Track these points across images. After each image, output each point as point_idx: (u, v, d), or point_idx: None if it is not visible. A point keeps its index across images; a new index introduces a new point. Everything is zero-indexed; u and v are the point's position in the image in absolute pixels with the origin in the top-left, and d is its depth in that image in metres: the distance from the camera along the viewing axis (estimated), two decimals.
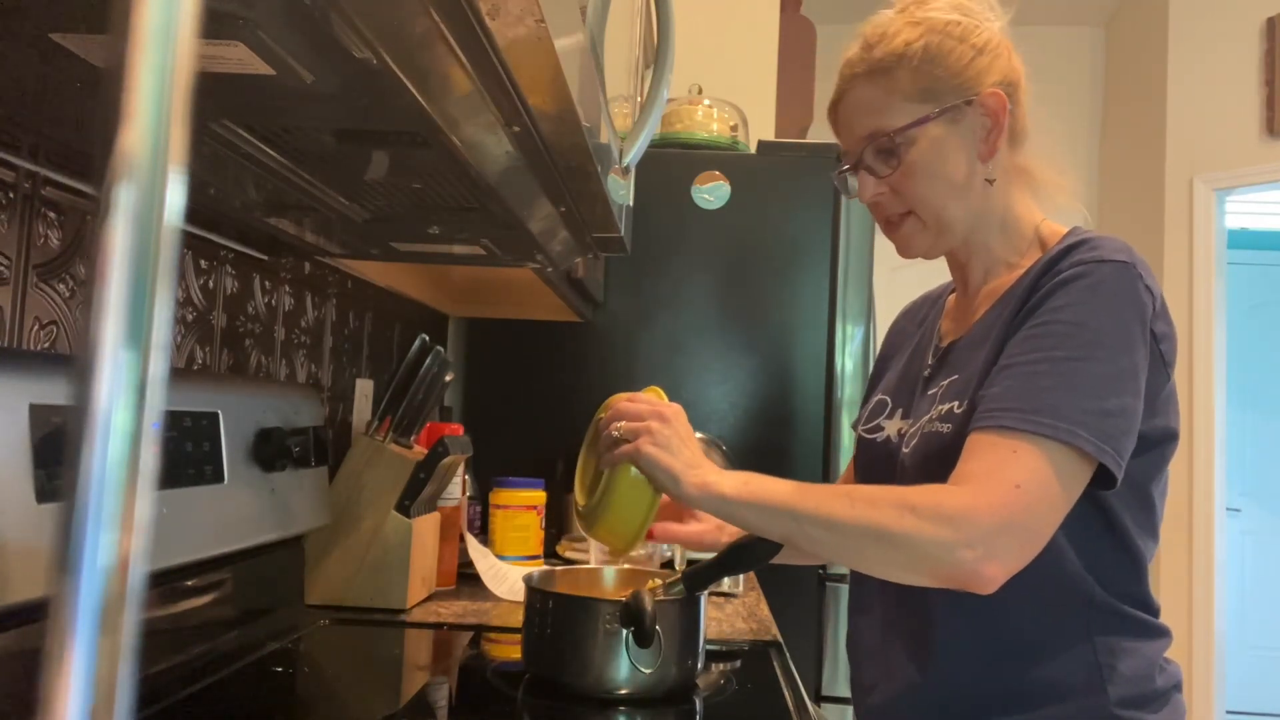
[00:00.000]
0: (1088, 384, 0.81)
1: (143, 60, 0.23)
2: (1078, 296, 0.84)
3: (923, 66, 0.93)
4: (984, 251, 0.99)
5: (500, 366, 2.20)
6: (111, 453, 0.22)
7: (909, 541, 0.78)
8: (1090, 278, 0.84)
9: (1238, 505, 4.57)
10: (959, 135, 0.94)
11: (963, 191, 0.95)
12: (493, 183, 0.82)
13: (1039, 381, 0.81)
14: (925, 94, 0.93)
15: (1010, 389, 0.82)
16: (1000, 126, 0.94)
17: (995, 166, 0.96)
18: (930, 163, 0.94)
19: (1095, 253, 0.86)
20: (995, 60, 0.94)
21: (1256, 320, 4.79)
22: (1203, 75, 3.69)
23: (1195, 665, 3.50)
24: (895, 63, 0.93)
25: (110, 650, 0.22)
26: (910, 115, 0.93)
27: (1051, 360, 0.82)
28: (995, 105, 0.93)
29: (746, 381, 2.13)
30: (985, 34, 0.94)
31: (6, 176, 0.79)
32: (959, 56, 0.93)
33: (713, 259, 2.15)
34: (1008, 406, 0.81)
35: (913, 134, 0.94)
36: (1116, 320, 0.83)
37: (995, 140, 0.94)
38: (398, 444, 1.37)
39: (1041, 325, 0.85)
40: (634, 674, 0.95)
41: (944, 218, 0.96)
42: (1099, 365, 0.81)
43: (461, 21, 0.54)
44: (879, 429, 1.04)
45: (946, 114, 0.93)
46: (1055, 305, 0.85)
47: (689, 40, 2.51)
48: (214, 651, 1.02)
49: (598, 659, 0.95)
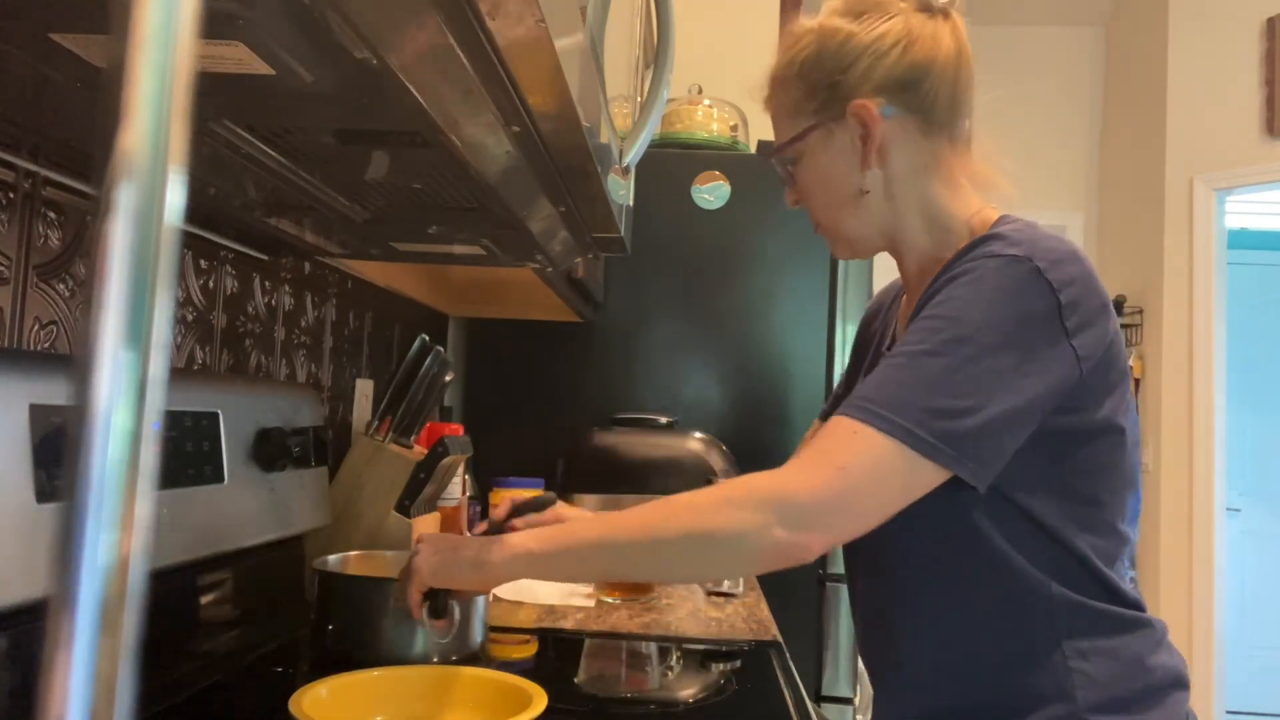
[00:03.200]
0: (941, 381, 0.77)
1: (143, 60, 0.23)
2: (959, 292, 0.81)
3: (802, 78, 0.91)
4: (915, 249, 0.94)
5: (500, 366, 2.20)
6: (111, 453, 0.22)
7: (728, 536, 0.76)
8: (975, 273, 0.81)
9: (1238, 505, 4.57)
10: (837, 149, 0.91)
11: (851, 202, 0.92)
12: (493, 183, 0.82)
13: (894, 375, 0.79)
14: (802, 108, 0.92)
15: (870, 380, 0.80)
16: (873, 137, 0.89)
17: (891, 172, 0.91)
18: (814, 178, 0.93)
19: (993, 246, 0.82)
20: (877, 61, 0.89)
21: (1256, 320, 4.79)
22: (1203, 75, 3.69)
23: (1195, 665, 3.50)
24: (785, 76, 0.93)
25: (110, 650, 0.22)
26: (792, 130, 0.93)
27: (911, 355, 0.79)
28: (863, 115, 0.89)
29: (746, 381, 2.13)
30: (871, 34, 0.89)
31: (6, 176, 0.79)
32: (833, 65, 0.90)
33: (713, 259, 2.15)
34: (862, 395, 0.79)
35: (796, 149, 0.93)
36: (995, 316, 0.78)
37: (869, 150, 0.90)
38: (398, 444, 1.37)
39: (920, 320, 0.82)
40: (424, 644, 1.00)
41: (839, 228, 0.95)
42: (960, 363, 0.77)
43: (461, 21, 0.54)
44: None
45: (818, 130, 0.91)
46: (937, 301, 0.82)
47: (689, 40, 2.51)
48: (214, 651, 1.02)
49: (387, 632, 1.00)
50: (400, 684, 0.89)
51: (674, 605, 1.45)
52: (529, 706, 0.80)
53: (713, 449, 1.88)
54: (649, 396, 2.13)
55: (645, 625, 1.31)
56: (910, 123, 0.90)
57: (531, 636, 1.23)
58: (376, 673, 0.89)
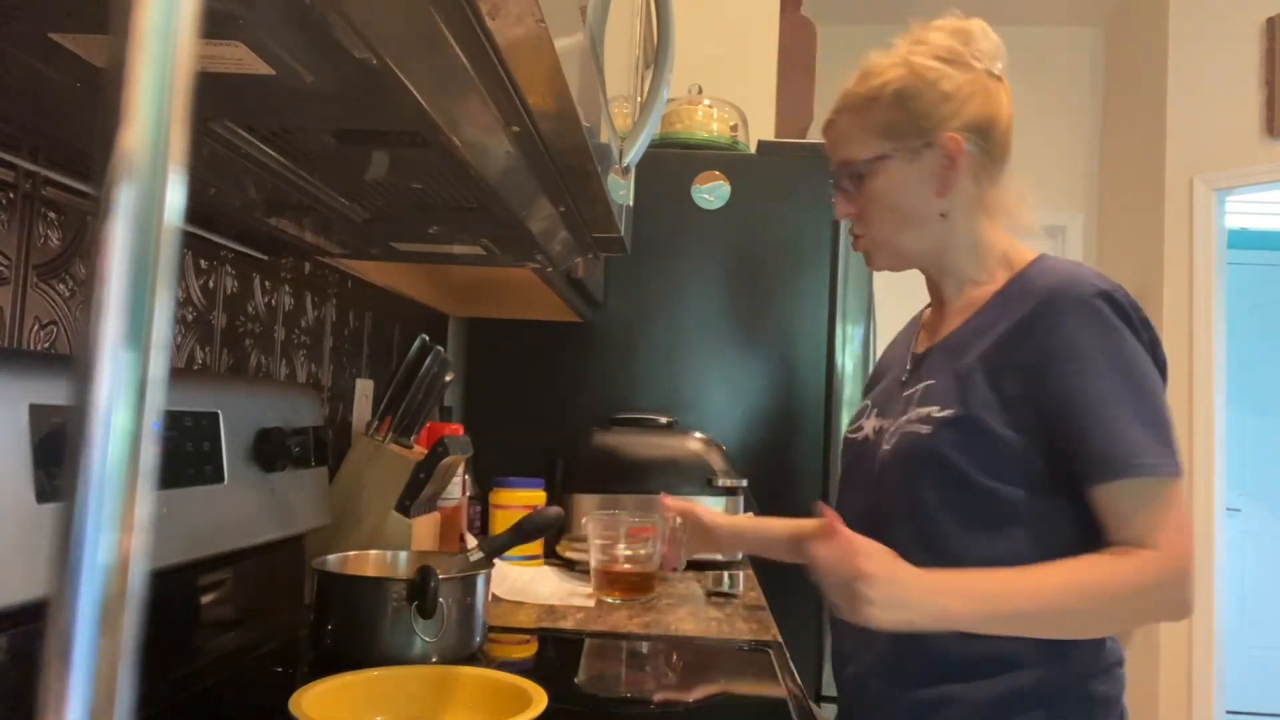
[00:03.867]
0: (1160, 412, 0.93)
1: (143, 60, 0.23)
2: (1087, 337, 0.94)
3: (891, 106, 1.04)
4: (955, 272, 1.09)
5: (500, 366, 2.20)
6: (111, 453, 0.22)
7: (1157, 612, 0.92)
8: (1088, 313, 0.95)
9: (1238, 505, 4.57)
10: (915, 173, 1.05)
11: (916, 222, 1.07)
12: (493, 183, 0.82)
13: (1133, 421, 0.92)
14: (889, 132, 1.05)
15: (1102, 441, 0.91)
16: (955, 167, 1.04)
17: (956, 201, 1.05)
18: (886, 194, 1.06)
19: (1089, 285, 0.96)
20: (964, 105, 1.03)
21: (1256, 320, 4.79)
22: (1203, 75, 3.68)
23: (1195, 665, 3.50)
24: (872, 100, 1.05)
25: (110, 650, 0.22)
26: (875, 150, 1.05)
27: (1133, 401, 0.92)
28: (952, 149, 1.03)
29: (746, 381, 2.13)
30: (959, 80, 1.04)
31: (6, 176, 0.79)
32: (927, 100, 1.03)
33: (713, 259, 2.15)
34: (1138, 459, 0.90)
35: (874, 166, 1.05)
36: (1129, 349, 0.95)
37: (951, 179, 1.04)
38: (398, 444, 1.37)
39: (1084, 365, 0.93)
40: (420, 643, 1.00)
41: (895, 243, 1.08)
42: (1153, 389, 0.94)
43: (461, 21, 0.54)
44: (859, 428, 1.15)
45: (905, 153, 1.04)
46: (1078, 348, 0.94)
47: (689, 40, 2.51)
48: (214, 651, 1.02)
49: (385, 631, 1.00)
50: (400, 684, 0.89)
51: (674, 605, 1.45)
52: (529, 706, 0.80)
53: (712, 449, 1.88)
54: (649, 396, 2.13)
55: (645, 625, 1.31)
56: (977, 162, 1.05)
57: (531, 636, 1.23)
58: (376, 673, 0.89)
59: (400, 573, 1.17)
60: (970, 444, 0.95)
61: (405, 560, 1.18)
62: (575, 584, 1.55)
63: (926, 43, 1.06)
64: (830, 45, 3.60)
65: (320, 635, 1.02)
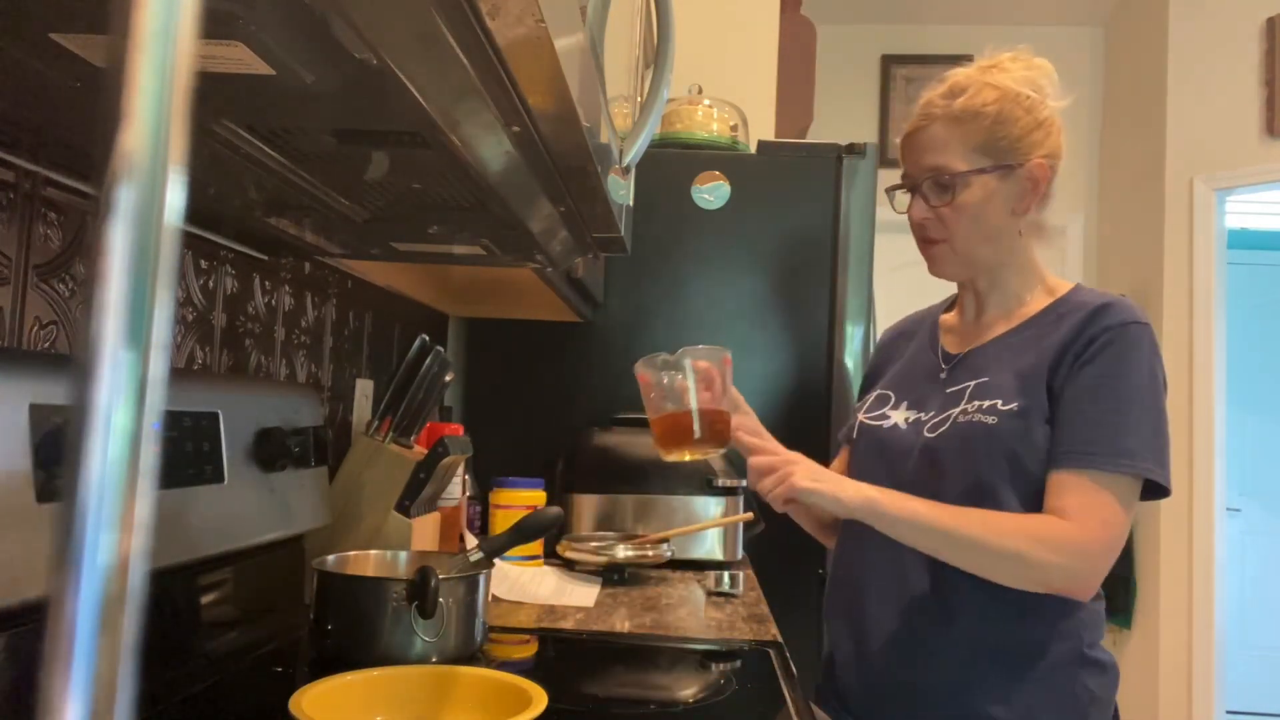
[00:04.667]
0: (1151, 423, 1.04)
1: (143, 60, 0.23)
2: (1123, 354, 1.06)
3: (994, 126, 1.11)
4: (1004, 288, 1.19)
5: (500, 366, 2.20)
6: (111, 453, 0.22)
7: (1040, 566, 1.01)
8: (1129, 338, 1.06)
9: (1238, 505, 4.57)
10: (1004, 190, 1.13)
11: (995, 236, 1.14)
12: (493, 183, 0.82)
13: (1115, 421, 1.03)
14: (988, 149, 1.12)
15: (1087, 433, 1.04)
16: (1039, 192, 1.13)
17: (1025, 222, 1.15)
18: (976, 206, 1.12)
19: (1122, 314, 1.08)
20: (1048, 136, 1.14)
21: (1256, 320, 4.79)
22: (1203, 75, 3.68)
23: (1195, 665, 3.50)
24: (972, 116, 1.11)
25: (110, 650, 0.22)
26: (971, 163, 1.12)
27: (1120, 414, 1.04)
28: (1040, 174, 1.13)
29: (746, 381, 2.13)
30: (1046, 111, 1.14)
31: (6, 176, 0.79)
32: (1024, 125, 1.12)
33: (713, 259, 2.15)
34: (1091, 450, 1.03)
35: (970, 179, 1.12)
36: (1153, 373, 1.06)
37: (1030, 201, 1.13)
38: (398, 444, 1.37)
39: (1099, 379, 1.05)
40: (420, 643, 1.01)
41: (973, 253, 1.15)
42: (1154, 407, 1.05)
43: (461, 21, 0.54)
44: (884, 417, 1.21)
45: (1000, 170, 1.12)
46: (1108, 358, 1.06)
47: (689, 40, 2.51)
48: (214, 651, 1.02)
49: (385, 631, 1.00)
50: (400, 684, 0.89)
51: (674, 605, 1.45)
52: (529, 706, 0.80)
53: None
54: None
55: (645, 625, 1.31)
56: (1045, 189, 1.14)
57: (531, 636, 1.23)
58: (376, 673, 0.89)
59: (400, 573, 1.16)
60: (1032, 434, 1.06)
61: (405, 560, 1.18)
62: (575, 584, 1.55)
63: (1009, 70, 1.14)
64: (830, 45, 3.61)
65: (320, 635, 1.02)
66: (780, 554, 2.03)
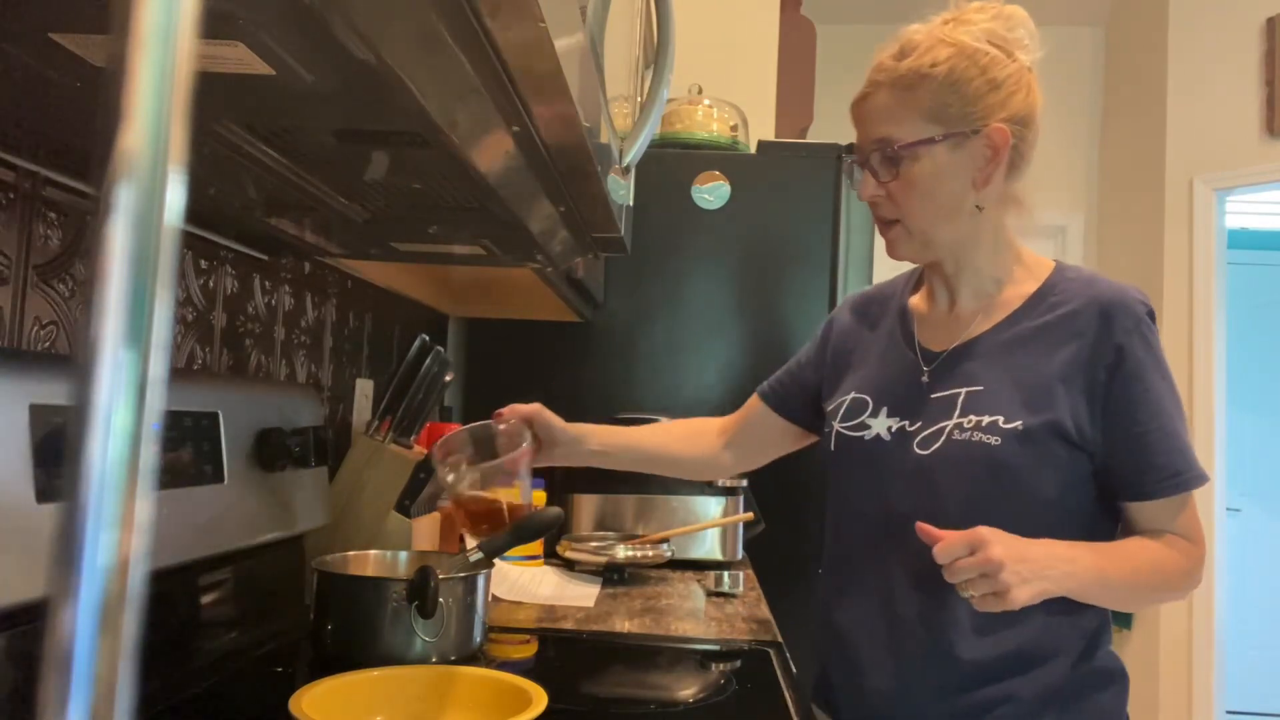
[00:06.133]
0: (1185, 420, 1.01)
1: (143, 60, 0.23)
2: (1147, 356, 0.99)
3: (941, 89, 0.98)
4: (973, 272, 1.06)
5: (500, 366, 2.20)
6: (111, 453, 0.22)
7: (1187, 589, 1.00)
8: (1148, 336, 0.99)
9: (1238, 505, 4.57)
10: (959, 161, 0.99)
11: (952, 213, 1.02)
12: (493, 183, 0.82)
13: (1179, 432, 0.99)
14: (938, 115, 0.98)
15: (1173, 460, 0.98)
16: (999, 160, 0.99)
17: (988, 195, 1.01)
18: (927, 181, 1.00)
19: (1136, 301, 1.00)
20: (1011, 96, 0.99)
21: (1256, 320, 4.79)
22: (1203, 75, 3.68)
23: (1195, 665, 3.49)
24: (919, 80, 0.98)
25: (110, 651, 0.22)
26: (919, 133, 0.98)
27: (1180, 418, 1.00)
28: (999, 140, 0.98)
29: (746, 381, 2.12)
30: (1008, 70, 0.99)
31: (6, 176, 0.79)
32: (977, 87, 0.98)
33: (713, 259, 2.15)
34: (1179, 472, 0.98)
35: (917, 150, 0.99)
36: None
37: (991, 171, 1.00)
38: (398, 444, 1.37)
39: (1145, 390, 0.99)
40: (420, 643, 1.00)
41: (929, 233, 1.03)
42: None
43: (461, 21, 0.54)
44: (864, 427, 1.08)
45: (951, 139, 0.98)
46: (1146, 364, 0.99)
47: (689, 40, 2.51)
48: (214, 651, 1.02)
49: (385, 631, 1.00)
50: (400, 684, 0.89)
51: (674, 605, 1.45)
52: (529, 706, 0.80)
53: None
54: (649, 396, 2.13)
55: (645, 625, 1.31)
56: (1011, 157, 1.01)
57: (531, 636, 1.23)
58: (376, 673, 0.89)
59: (400, 573, 1.16)
60: (1042, 457, 0.97)
61: (405, 560, 1.18)
62: (576, 584, 1.55)
63: (971, 23, 1.00)
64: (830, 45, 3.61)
65: (320, 635, 1.02)
66: (780, 554, 2.03)
